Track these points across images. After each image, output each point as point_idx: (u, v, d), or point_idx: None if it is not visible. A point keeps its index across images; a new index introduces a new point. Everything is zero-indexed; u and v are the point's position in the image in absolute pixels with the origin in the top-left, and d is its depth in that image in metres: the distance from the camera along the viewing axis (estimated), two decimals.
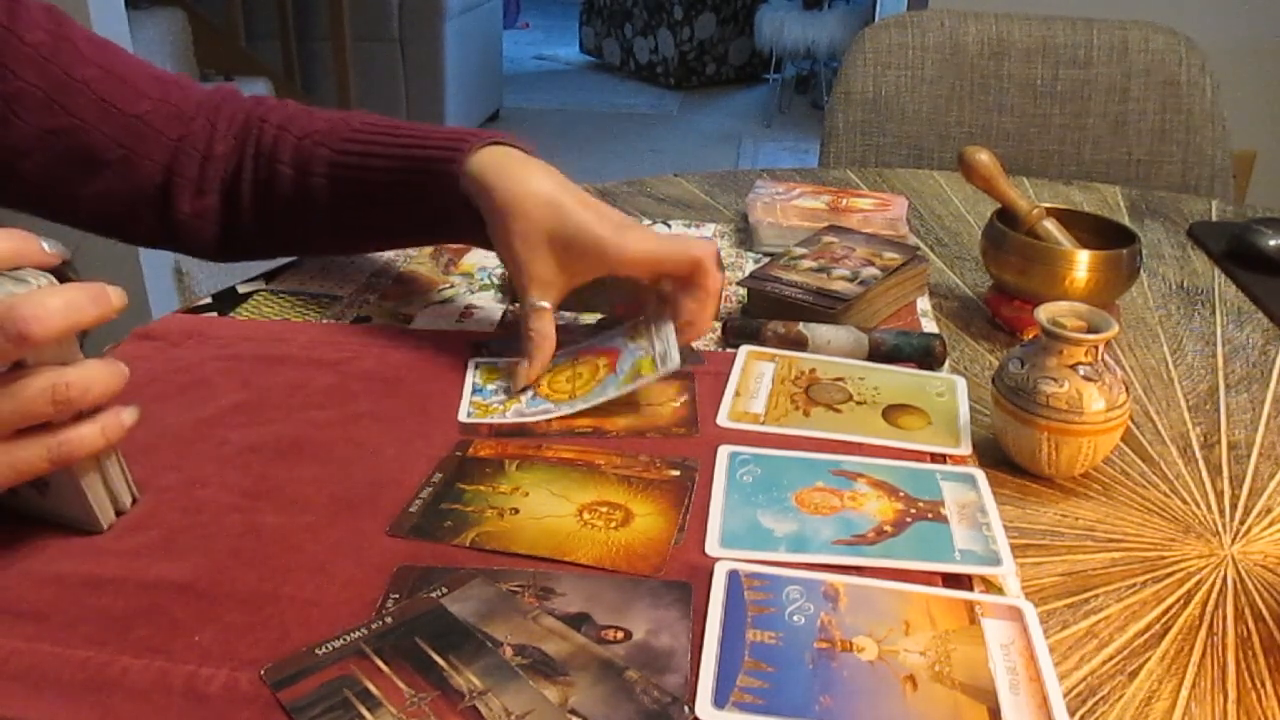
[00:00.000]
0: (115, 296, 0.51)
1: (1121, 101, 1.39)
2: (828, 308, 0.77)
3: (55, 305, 0.47)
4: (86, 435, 0.51)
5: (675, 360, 0.66)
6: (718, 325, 0.79)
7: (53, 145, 0.73)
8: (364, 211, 0.76)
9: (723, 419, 0.67)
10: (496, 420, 0.66)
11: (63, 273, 0.51)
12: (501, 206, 0.69)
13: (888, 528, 0.56)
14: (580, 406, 0.67)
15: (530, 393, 0.69)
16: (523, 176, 0.69)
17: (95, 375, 0.50)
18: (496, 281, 0.86)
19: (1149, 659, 0.50)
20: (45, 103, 0.72)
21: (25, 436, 0.49)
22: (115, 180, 0.76)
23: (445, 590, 0.50)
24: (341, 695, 0.44)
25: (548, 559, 0.53)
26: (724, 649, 0.47)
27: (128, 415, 0.52)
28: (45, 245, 0.50)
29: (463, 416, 0.66)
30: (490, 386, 0.70)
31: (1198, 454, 0.67)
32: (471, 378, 0.71)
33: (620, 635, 0.48)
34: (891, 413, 0.68)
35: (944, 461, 0.63)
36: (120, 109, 0.75)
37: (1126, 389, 0.62)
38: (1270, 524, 0.60)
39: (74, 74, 0.73)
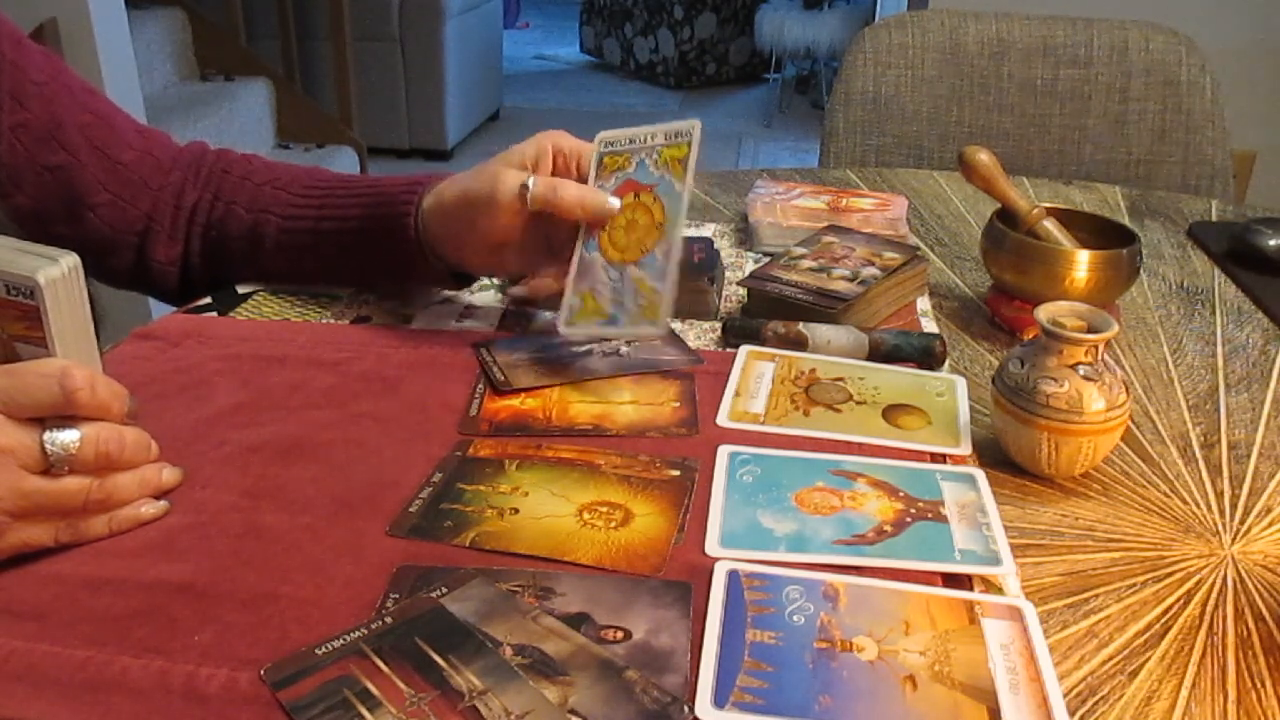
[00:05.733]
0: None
1: (1121, 101, 1.39)
2: (828, 308, 0.77)
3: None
4: (94, 526, 0.53)
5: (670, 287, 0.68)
6: (718, 325, 0.79)
7: (47, 182, 0.75)
8: (314, 254, 0.79)
9: (723, 419, 0.67)
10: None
11: (92, 295, 0.55)
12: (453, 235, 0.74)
13: (888, 527, 0.56)
14: (600, 330, 0.70)
15: (592, 240, 0.72)
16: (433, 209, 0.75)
17: (127, 485, 0.54)
18: (497, 281, 0.86)
19: (1149, 659, 0.50)
20: (45, 138, 0.75)
21: (40, 519, 0.51)
22: (99, 224, 0.79)
23: (445, 590, 0.50)
24: (341, 695, 0.44)
25: (548, 559, 0.53)
26: (724, 649, 0.47)
27: (146, 510, 0.55)
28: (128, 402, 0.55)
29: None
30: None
31: (1198, 454, 0.67)
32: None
33: (620, 635, 0.48)
34: (891, 413, 0.68)
35: (944, 461, 0.63)
36: (109, 155, 0.78)
37: (1126, 389, 0.61)
38: (1270, 524, 0.60)
39: (70, 116, 0.76)
